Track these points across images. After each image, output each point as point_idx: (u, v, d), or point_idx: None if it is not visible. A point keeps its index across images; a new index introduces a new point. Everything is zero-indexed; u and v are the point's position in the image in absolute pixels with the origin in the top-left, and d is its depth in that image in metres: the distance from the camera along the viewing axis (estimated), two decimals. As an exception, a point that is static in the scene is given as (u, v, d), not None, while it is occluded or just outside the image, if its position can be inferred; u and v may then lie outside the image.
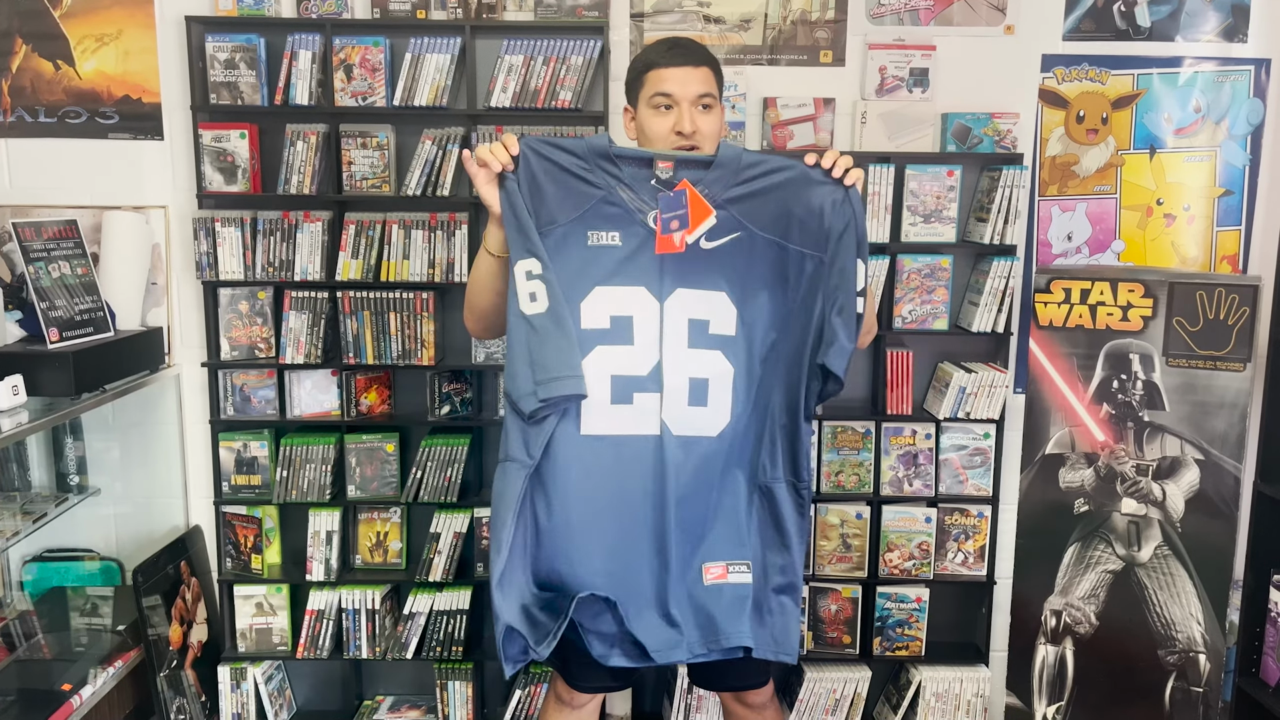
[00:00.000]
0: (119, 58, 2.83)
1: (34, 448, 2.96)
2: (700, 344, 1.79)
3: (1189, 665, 2.90)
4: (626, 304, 1.77)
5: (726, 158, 1.79)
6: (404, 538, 2.97)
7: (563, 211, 1.75)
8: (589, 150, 1.76)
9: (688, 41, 1.98)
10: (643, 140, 1.96)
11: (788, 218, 1.78)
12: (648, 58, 1.95)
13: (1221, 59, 2.88)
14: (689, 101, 1.90)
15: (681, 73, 1.90)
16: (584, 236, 1.75)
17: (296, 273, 2.79)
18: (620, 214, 1.76)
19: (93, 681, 2.67)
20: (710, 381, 1.79)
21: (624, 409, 1.77)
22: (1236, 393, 2.82)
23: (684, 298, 1.78)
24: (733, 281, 1.79)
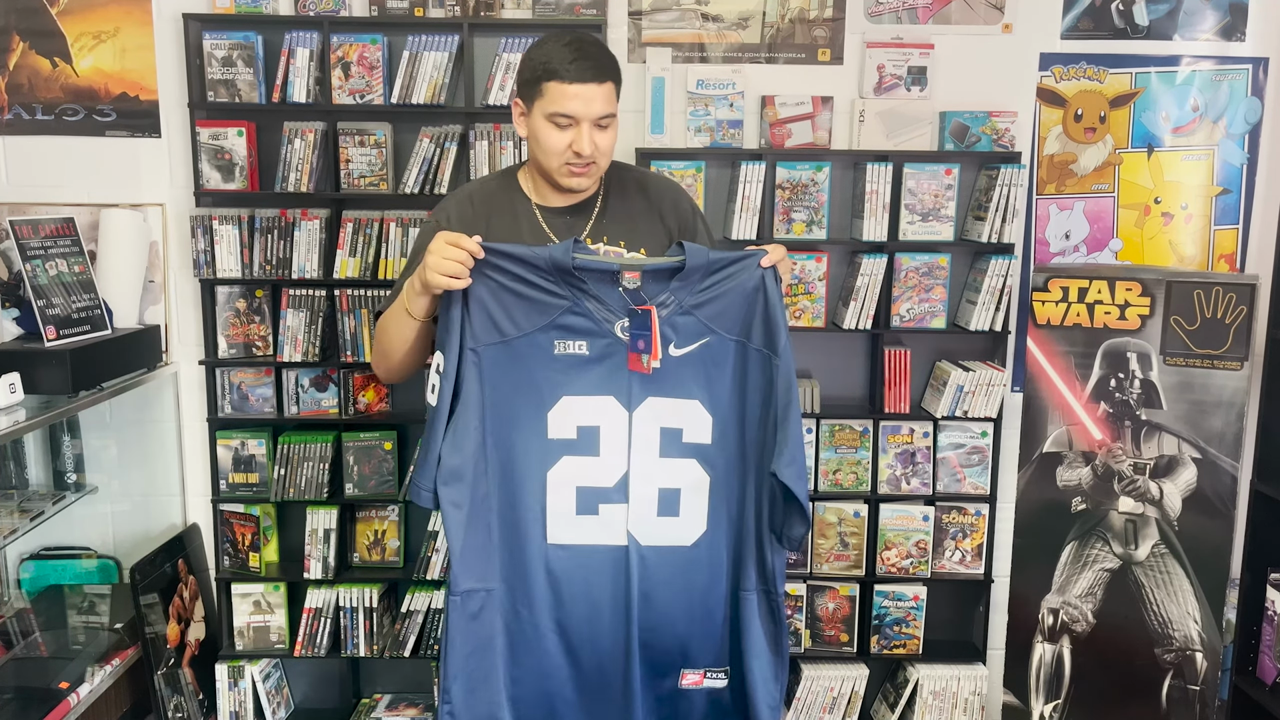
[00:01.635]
0: (116, 55, 2.83)
1: (31, 446, 2.96)
2: (673, 453, 1.76)
3: (1186, 663, 2.90)
4: (593, 414, 1.75)
5: (694, 266, 1.73)
6: (401, 536, 2.97)
7: (528, 319, 1.72)
8: (549, 263, 1.71)
9: (592, 49, 1.83)
10: (535, 148, 1.87)
11: (749, 317, 1.75)
12: (549, 63, 1.79)
13: (1219, 58, 2.88)
14: (590, 121, 1.81)
15: (587, 91, 1.79)
16: (551, 345, 1.72)
17: (294, 271, 2.79)
18: (587, 324, 1.73)
19: (90, 679, 2.67)
20: (683, 491, 1.77)
21: (589, 520, 1.76)
22: (1234, 391, 2.82)
23: (655, 406, 1.75)
24: (705, 388, 1.76)
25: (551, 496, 1.75)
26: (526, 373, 1.73)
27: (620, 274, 1.72)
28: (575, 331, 1.72)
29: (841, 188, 2.87)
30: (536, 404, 1.73)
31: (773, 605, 1.81)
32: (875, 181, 2.74)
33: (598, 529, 1.76)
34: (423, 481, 1.74)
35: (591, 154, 1.83)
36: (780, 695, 1.85)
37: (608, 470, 1.75)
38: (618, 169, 2.01)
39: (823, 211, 2.78)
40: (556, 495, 1.75)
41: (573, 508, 1.75)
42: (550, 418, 1.74)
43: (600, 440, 1.75)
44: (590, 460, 1.75)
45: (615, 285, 1.73)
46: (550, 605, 1.78)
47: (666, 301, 1.73)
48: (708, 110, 2.81)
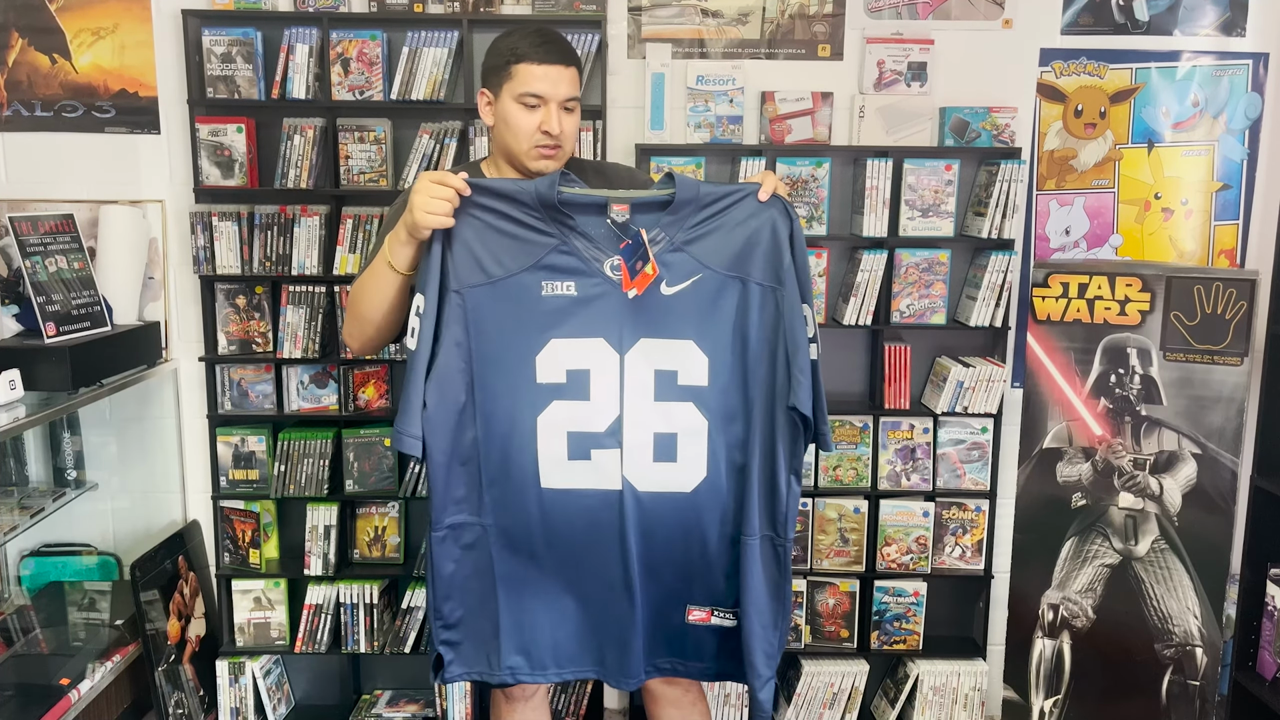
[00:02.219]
0: (115, 51, 2.83)
1: (31, 442, 2.96)
2: (669, 396, 1.71)
3: (1186, 659, 2.90)
4: (583, 357, 1.70)
5: (685, 198, 1.69)
6: (402, 532, 2.97)
7: (514, 260, 1.68)
8: (536, 198, 1.67)
9: (556, 36, 1.92)
10: (504, 131, 1.90)
11: (748, 251, 1.69)
12: (517, 49, 1.87)
13: (1220, 53, 2.88)
14: (557, 102, 1.87)
15: (554, 72, 1.87)
16: (538, 287, 1.67)
17: (294, 267, 2.78)
18: (575, 263, 1.68)
19: (90, 676, 2.67)
20: (680, 436, 1.72)
21: (581, 465, 1.72)
22: (1234, 387, 2.82)
23: (647, 348, 1.70)
24: (699, 328, 1.70)
25: (542, 442, 1.70)
26: (513, 315, 1.67)
27: (608, 207, 1.67)
28: (563, 271, 1.67)
29: (841, 183, 2.87)
30: (524, 347, 1.69)
31: (778, 552, 1.76)
32: (875, 177, 2.73)
33: (591, 474, 1.72)
34: (406, 428, 1.69)
35: (560, 134, 1.88)
36: (780, 643, 1.82)
37: (599, 414, 1.71)
38: (575, 161, 2.04)
39: (823, 207, 2.77)
40: (547, 440, 1.70)
41: (564, 453, 1.71)
42: (538, 361, 1.69)
43: (591, 384, 1.70)
44: (581, 405, 1.70)
45: (603, 219, 1.68)
46: (546, 544, 1.76)
47: (657, 238, 1.68)
48: (708, 106, 2.80)
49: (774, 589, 1.78)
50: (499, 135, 1.94)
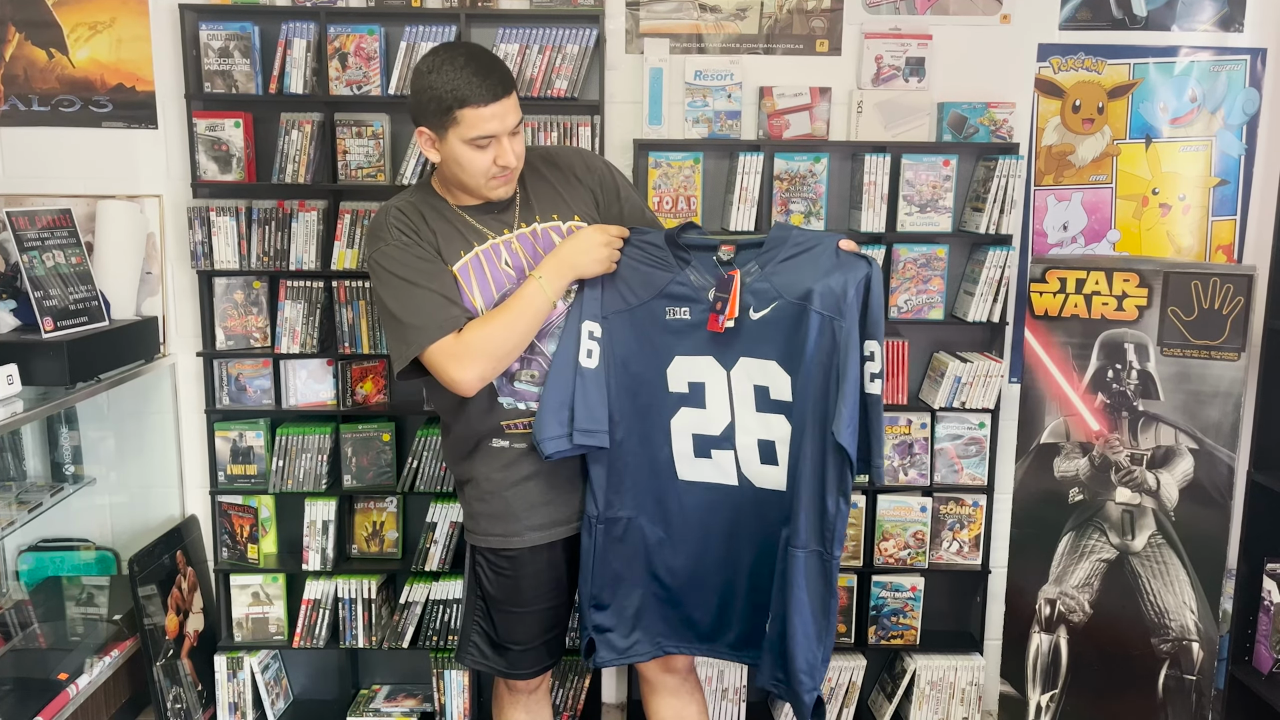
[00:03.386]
0: (112, 46, 2.82)
1: (29, 437, 2.96)
2: (765, 409, 1.96)
3: (1182, 653, 2.91)
4: (699, 372, 1.98)
5: (776, 238, 1.94)
6: (400, 527, 2.98)
7: (645, 290, 1.98)
8: (666, 239, 1.98)
9: (488, 60, 1.87)
10: (457, 170, 1.91)
11: (812, 282, 1.89)
12: (457, 90, 1.81)
13: (1217, 48, 2.88)
14: (508, 135, 1.87)
15: (500, 108, 1.84)
16: (663, 312, 1.98)
17: (292, 262, 2.78)
18: (689, 292, 1.97)
19: (89, 671, 2.67)
20: (777, 443, 1.96)
21: (705, 462, 2.01)
22: (1231, 382, 2.83)
23: (746, 366, 1.96)
24: (780, 349, 1.93)
25: (675, 441, 2.01)
26: (647, 336, 1.98)
27: (719, 247, 1.95)
28: (679, 299, 1.97)
29: (839, 179, 2.87)
30: (658, 363, 1.99)
31: (825, 567, 1.92)
32: (873, 172, 2.73)
33: (713, 470, 2.01)
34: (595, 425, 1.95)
35: (516, 165, 1.91)
36: (824, 659, 1.96)
37: (714, 420, 1.99)
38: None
39: (820, 203, 2.77)
40: (679, 440, 2.01)
41: (691, 451, 2.01)
42: (669, 374, 1.99)
43: (706, 394, 1.98)
44: (700, 412, 1.99)
45: (712, 256, 1.96)
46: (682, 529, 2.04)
47: (750, 270, 1.93)
48: (705, 101, 2.80)
49: (820, 603, 1.94)
50: (449, 170, 1.93)
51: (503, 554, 2.04)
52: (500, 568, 2.05)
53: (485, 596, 2.10)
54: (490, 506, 2.04)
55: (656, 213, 2.76)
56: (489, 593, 2.09)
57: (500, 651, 2.11)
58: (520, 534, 2.02)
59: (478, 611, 2.12)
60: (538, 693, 2.20)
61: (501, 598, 2.08)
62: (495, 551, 2.05)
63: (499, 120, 1.84)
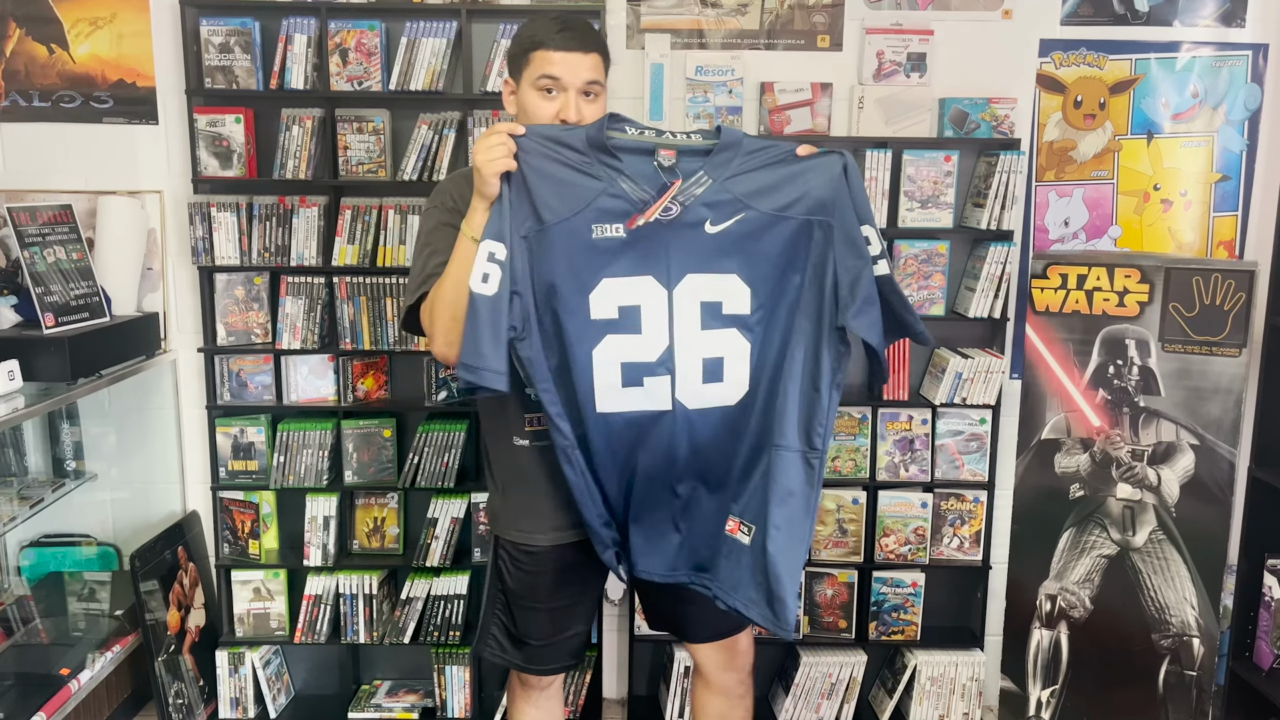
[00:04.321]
0: (113, 41, 2.82)
1: (30, 433, 2.96)
2: (714, 325, 1.81)
3: (1183, 649, 2.91)
4: (634, 293, 1.78)
5: (728, 142, 1.76)
6: (401, 523, 2.98)
7: (565, 205, 1.74)
8: (586, 143, 1.73)
9: (579, 22, 1.89)
10: (524, 119, 1.88)
11: (791, 192, 1.77)
12: (535, 35, 1.86)
13: (1219, 44, 2.87)
14: (576, 89, 1.85)
15: (572, 58, 1.84)
16: (588, 230, 1.74)
17: (292, 258, 2.78)
18: (623, 206, 1.74)
19: (90, 666, 2.68)
20: (725, 359, 1.82)
21: (634, 390, 1.82)
22: (1232, 378, 2.83)
23: (694, 283, 1.78)
24: (743, 262, 1.79)
25: (598, 373, 1.79)
26: (565, 258, 1.74)
27: (656, 152, 1.74)
28: (612, 214, 1.74)
29: (840, 174, 2.86)
30: (577, 287, 1.76)
31: (811, 465, 1.82)
32: (874, 168, 2.73)
33: (643, 398, 1.82)
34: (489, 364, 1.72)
35: (578, 121, 1.84)
36: (802, 558, 1.87)
37: (650, 346, 1.80)
38: None
39: (822, 198, 2.77)
40: (602, 371, 1.80)
41: (618, 381, 1.81)
42: (592, 299, 1.77)
43: (642, 318, 1.79)
44: (633, 338, 1.79)
45: (651, 162, 1.74)
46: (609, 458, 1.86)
47: (701, 179, 1.75)
48: (706, 97, 2.80)
49: (804, 504, 1.83)
50: (521, 121, 1.90)
51: (524, 549, 2.04)
52: (521, 562, 2.04)
53: (506, 590, 2.08)
54: (515, 502, 2.02)
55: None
56: (510, 587, 2.07)
57: (518, 646, 2.10)
58: (543, 532, 2.01)
59: (498, 605, 2.10)
60: (550, 689, 2.20)
61: (522, 592, 2.06)
62: (517, 546, 2.04)
63: (568, 68, 1.83)
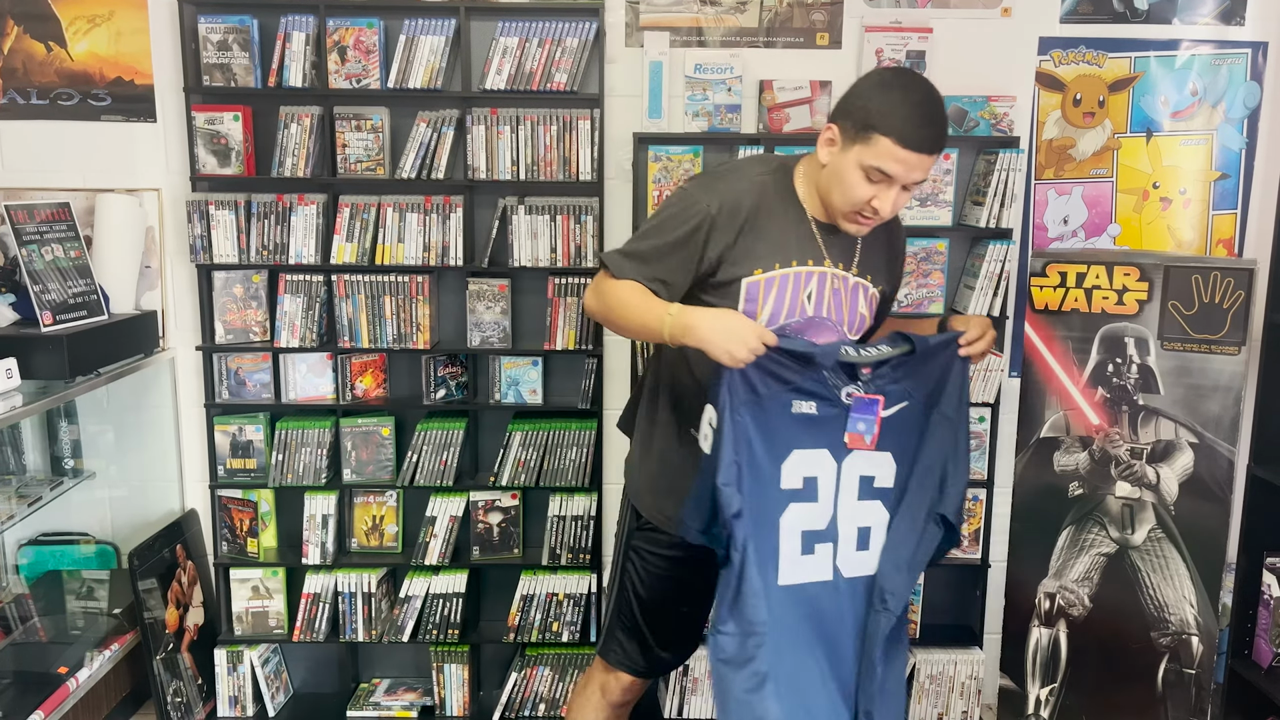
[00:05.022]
0: (111, 39, 2.81)
1: (28, 431, 2.96)
2: (866, 496, 1.94)
3: (1182, 647, 2.91)
4: (814, 465, 1.90)
5: (921, 351, 1.90)
6: (400, 521, 2.98)
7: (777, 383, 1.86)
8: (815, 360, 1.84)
9: (939, 114, 1.77)
10: (834, 184, 1.84)
11: (939, 385, 1.94)
12: (891, 116, 1.73)
13: (1219, 42, 2.87)
14: (903, 184, 1.78)
15: (915, 160, 1.74)
16: (788, 404, 1.87)
17: (291, 256, 2.78)
18: (820, 389, 1.87)
19: (89, 664, 2.68)
20: (872, 529, 1.96)
21: (808, 559, 1.93)
22: (1231, 376, 2.82)
23: (858, 457, 1.92)
24: (895, 442, 1.93)
25: (784, 539, 1.90)
26: (769, 429, 1.86)
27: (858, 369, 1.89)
28: (809, 394, 1.88)
29: (840, 172, 2.86)
30: (774, 457, 1.87)
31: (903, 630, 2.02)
32: (873, 166, 2.73)
33: (813, 566, 1.93)
34: (693, 521, 1.87)
35: (887, 215, 1.83)
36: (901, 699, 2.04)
37: (822, 513, 1.91)
38: None
39: (821, 196, 2.77)
40: (787, 539, 1.90)
41: (798, 549, 1.91)
42: (784, 469, 1.88)
43: (818, 488, 1.91)
44: (810, 506, 1.91)
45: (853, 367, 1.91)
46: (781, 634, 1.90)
47: (883, 373, 1.90)
48: (705, 95, 2.80)
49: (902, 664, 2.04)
50: (826, 178, 1.85)
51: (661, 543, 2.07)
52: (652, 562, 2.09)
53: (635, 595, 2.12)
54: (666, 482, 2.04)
55: (656, 206, 2.76)
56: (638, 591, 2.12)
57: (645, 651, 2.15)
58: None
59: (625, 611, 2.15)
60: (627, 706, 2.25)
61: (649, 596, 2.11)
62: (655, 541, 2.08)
63: (905, 168, 1.75)
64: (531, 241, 2.79)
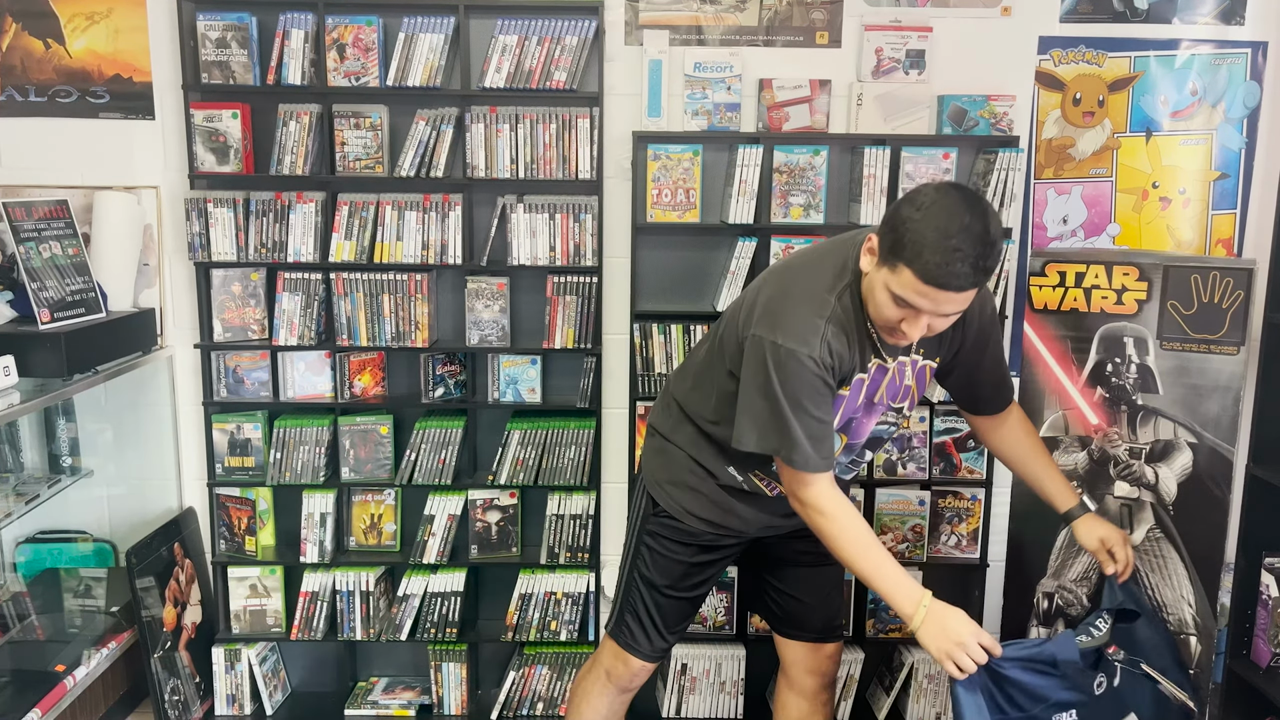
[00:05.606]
0: (109, 36, 2.81)
1: (26, 429, 2.95)
2: None
3: (1180, 647, 2.91)
4: None
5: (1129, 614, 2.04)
6: (398, 520, 2.97)
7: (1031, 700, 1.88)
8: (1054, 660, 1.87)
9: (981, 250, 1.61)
10: (867, 288, 1.78)
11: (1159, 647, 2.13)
12: (920, 247, 1.61)
13: (1218, 41, 2.87)
14: (933, 316, 1.71)
15: (939, 296, 1.65)
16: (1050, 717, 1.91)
17: (289, 254, 2.78)
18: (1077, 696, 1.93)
19: (86, 663, 2.67)
20: None
21: None
22: (1230, 376, 2.82)
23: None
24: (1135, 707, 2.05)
25: None
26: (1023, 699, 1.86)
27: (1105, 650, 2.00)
28: (1069, 705, 1.91)
29: (839, 171, 2.86)
30: None
31: None
32: (873, 165, 2.73)
33: None
34: None
35: (917, 337, 1.77)
36: None
37: None
38: None
39: (820, 195, 2.77)
40: None
41: None
42: None
43: None
44: None
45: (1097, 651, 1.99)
46: None
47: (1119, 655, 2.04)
48: (705, 93, 2.79)
49: None
50: (866, 284, 1.79)
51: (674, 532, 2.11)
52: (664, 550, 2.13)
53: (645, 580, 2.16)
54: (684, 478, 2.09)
55: (655, 205, 2.76)
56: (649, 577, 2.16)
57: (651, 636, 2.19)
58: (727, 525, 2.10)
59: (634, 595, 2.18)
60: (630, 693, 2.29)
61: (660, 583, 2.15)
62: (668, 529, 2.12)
63: (930, 302, 1.66)
64: (530, 240, 2.78)
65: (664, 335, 2.80)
